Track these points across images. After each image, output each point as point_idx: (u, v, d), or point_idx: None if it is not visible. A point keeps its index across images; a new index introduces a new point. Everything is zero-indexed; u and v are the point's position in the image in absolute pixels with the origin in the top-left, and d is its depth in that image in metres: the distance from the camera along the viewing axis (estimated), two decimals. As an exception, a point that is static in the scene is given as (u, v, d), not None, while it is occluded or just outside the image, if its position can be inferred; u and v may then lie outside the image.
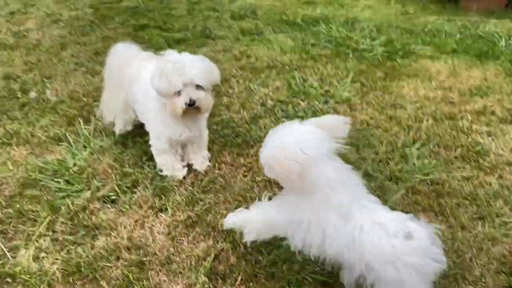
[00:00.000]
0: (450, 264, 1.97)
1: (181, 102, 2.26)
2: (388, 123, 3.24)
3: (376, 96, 3.61)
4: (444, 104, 3.49)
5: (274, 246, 2.14)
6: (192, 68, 2.26)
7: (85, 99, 3.37)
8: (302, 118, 3.15)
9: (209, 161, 2.74)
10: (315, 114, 3.29)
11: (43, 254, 2.11)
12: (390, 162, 2.82)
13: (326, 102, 3.47)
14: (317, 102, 3.44)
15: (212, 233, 2.24)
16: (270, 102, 3.42)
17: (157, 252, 2.13)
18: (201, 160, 2.70)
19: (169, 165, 2.59)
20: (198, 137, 2.63)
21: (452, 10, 5.85)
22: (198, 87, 2.30)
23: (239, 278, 2.00)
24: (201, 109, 2.36)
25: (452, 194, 2.53)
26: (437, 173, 2.71)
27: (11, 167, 2.63)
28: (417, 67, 4.11)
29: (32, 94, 3.37)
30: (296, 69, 3.95)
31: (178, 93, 2.26)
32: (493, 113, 3.35)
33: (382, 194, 2.54)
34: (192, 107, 2.29)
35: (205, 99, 2.34)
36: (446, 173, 2.72)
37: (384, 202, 2.44)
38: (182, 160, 2.67)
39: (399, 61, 4.23)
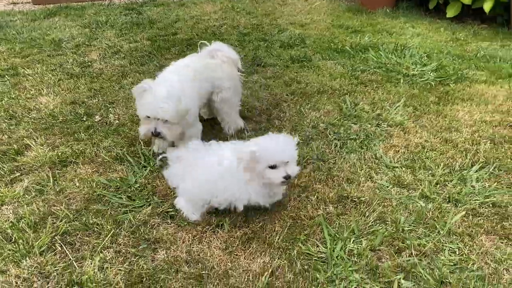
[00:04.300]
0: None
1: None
2: (444, 146, 3.18)
3: (429, 119, 3.55)
4: (502, 128, 3.39)
5: (331, 265, 2.15)
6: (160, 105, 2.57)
7: (144, 122, 3.54)
8: (354, 140, 3.20)
9: None
10: (367, 136, 3.28)
11: (107, 265, 2.20)
12: (448, 185, 2.76)
13: (378, 125, 3.45)
14: (369, 125, 3.44)
15: (269, 250, 2.26)
16: (321, 125, 3.45)
17: (215, 266, 2.17)
18: None
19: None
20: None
21: (505, 36, 5.71)
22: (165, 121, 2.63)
23: (297, 294, 2.00)
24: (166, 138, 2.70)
25: (517, 217, 2.43)
26: (499, 196, 2.62)
27: (77, 184, 2.80)
28: (472, 92, 4.02)
29: (96, 118, 3.59)
30: (346, 94, 3.98)
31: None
32: (557, 136, 3.21)
33: (440, 216, 2.48)
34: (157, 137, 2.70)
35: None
36: (509, 196, 2.62)
37: (443, 224, 2.40)
38: None
39: (452, 86, 4.16)
